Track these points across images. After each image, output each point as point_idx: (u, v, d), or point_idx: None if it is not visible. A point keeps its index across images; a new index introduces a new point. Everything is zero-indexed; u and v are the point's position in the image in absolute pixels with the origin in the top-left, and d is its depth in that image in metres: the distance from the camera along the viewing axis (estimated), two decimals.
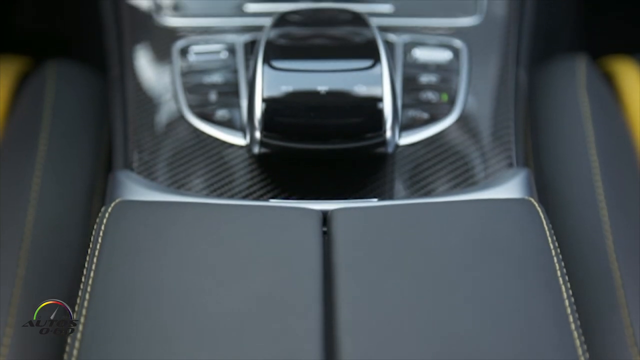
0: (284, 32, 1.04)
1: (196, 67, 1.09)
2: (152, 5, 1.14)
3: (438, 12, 1.14)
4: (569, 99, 1.17)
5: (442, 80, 1.08)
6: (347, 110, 0.97)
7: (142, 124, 1.06)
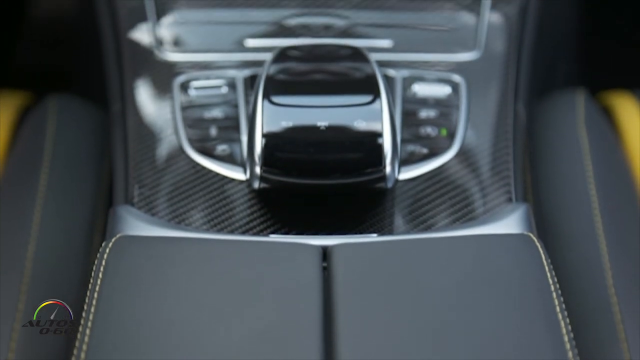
0: (284, 68, 1.04)
1: (197, 102, 1.09)
2: (153, 40, 1.15)
3: (437, 48, 1.15)
4: (568, 133, 1.17)
5: (441, 115, 1.08)
6: (346, 146, 0.97)
7: (143, 159, 1.06)
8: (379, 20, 1.16)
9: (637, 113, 1.25)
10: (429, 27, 1.16)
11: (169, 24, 1.16)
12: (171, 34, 1.16)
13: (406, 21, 1.17)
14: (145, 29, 1.16)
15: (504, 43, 1.15)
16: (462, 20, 1.16)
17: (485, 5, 1.16)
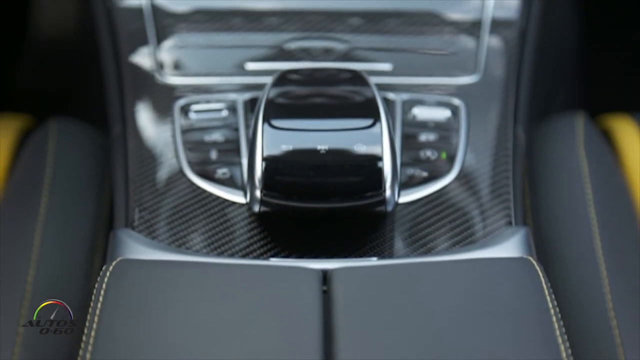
0: (284, 91, 1.04)
1: (197, 125, 1.09)
2: (154, 64, 1.15)
3: (437, 71, 1.15)
4: (568, 156, 1.17)
5: (441, 139, 1.08)
6: (346, 169, 0.97)
7: (144, 182, 1.06)
8: (378, 44, 1.17)
9: (637, 136, 1.25)
10: (429, 50, 1.17)
11: (170, 48, 1.17)
12: (171, 58, 1.16)
13: (406, 45, 1.17)
14: (145, 52, 1.16)
15: (504, 66, 1.16)
16: (462, 44, 1.17)
17: (485, 29, 1.17)
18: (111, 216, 1.10)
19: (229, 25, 1.18)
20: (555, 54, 1.47)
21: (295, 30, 1.17)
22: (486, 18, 1.17)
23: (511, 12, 1.19)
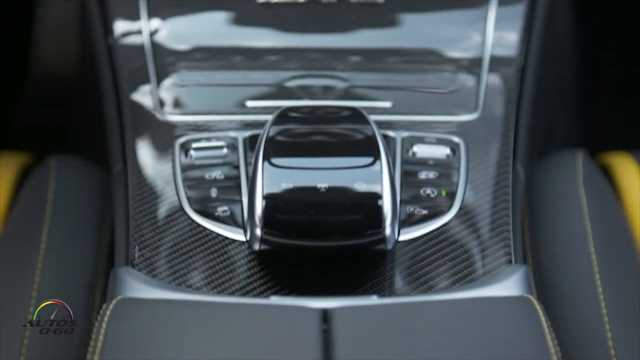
0: (284, 129, 1.05)
1: (197, 163, 1.09)
2: (154, 102, 1.16)
3: (436, 109, 1.16)
4: (567, 194, 1.18)
5: (441, 176, 1.08)
6: (346, 208, 0.97)
7: (144, 220, 1.06)
8: (378, 81, 1.17)
9: (637, 174, 1.25)
10: (428, 89, 1.17)
11: (170, 86, 1.17)
12: (172, 95, 1.17)
13: (405, 83, 1.18)
14: (146, 90, 1.17)
15: (503, 104, 1.16)
16: (461, 82, 1.18)
17: (484, 67, 1.18)
18: (111, 253, 1.10)
19: (230, 63, 1.18)
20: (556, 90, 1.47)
21: (295, 68, 1.18)
22: (485, 56, 1.18)
23: (510, 50, 1.19)
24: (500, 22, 1.19)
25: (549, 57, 1.32)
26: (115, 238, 1.09)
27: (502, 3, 1.20)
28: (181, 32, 1.20)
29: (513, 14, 1.20)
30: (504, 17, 1.19)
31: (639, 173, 1.25)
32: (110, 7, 1.20)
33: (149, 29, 1.19)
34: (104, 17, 1.21)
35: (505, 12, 1.20)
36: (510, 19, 1.19)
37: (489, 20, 1.19)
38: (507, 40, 1.19)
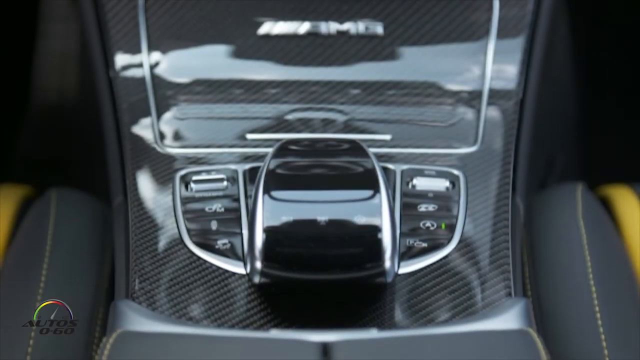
0: (284, 162, 1.05)
1: (197, 196, 1.10)
2: (154, 135, 1.16)
3: (436, 141, 1.16)
4: (567, 227, 1.18)
5: (441, 209, 1.08)
6: (346, 241, 0.98)
7: (144, 253, 1.06)
8: (378, 115, 1.18)
9: (636, 206, 1.25)
10: (428, 121, 1.18)
11: (170, 119, 1.18)
12: (172, 128, 1.17)
13: (405, 116, 1.18)
14: (146, 123, 1.17)
15: (502, 137, 1.16)
16: (460, 115, 1.18)
17: (483, 100, 1.18)
18: (112, 286, 1.11)
19: (230, 95, 1.19)
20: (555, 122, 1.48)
21: (295, 101, 1.18)
22: (484, 88, 1.18)
23: (509, 83, 1.20)
24: (499, 55, 1.20)
25: (548, 89, 1.32)
26: (115, 271, 1.09)
27: (501, 36, 1.20)
28: (181, 64, 1.20)
29: (512, 47, 1.20)
30: (503, 49, 1.20)
31: (638, 206, 1.25)
32: (111, 39, 1.20)
33: (149, 61, 1.20)
34: (104, 50, 1.21)
35: (504, 44, 1.20)
36: (509, 51, 1.20)
37: (488, 53, 1.19)
38: (506, 73, 1.20)
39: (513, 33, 1.20)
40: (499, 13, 1.20)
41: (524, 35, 1.20)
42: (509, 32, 1.20)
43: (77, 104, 1.58)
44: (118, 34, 1.20)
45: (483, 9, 1.20)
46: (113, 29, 1.20)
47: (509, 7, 1.20)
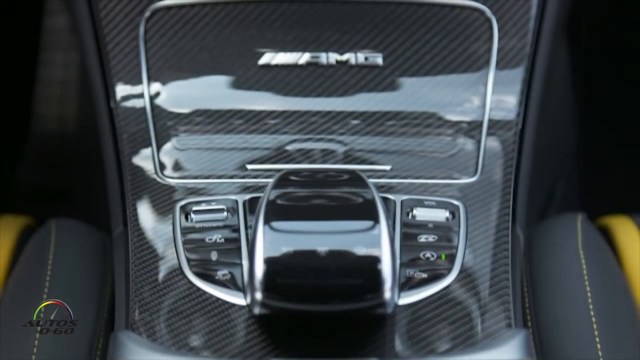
0: (284, 193, 1.05)
1: (197, 226, 1.10)
2: (155, 165, 1.16)
3: (435, 172, 1.16)
4: (567, 258, 1.18)
5: (440, 239, 1.08)
6: (346, 272, 0.98)
7: (144, 284, 1.06)
8: (378, 145, 1.18)
9: (636, 237, 1.25)
10: (427, 152, 1.18)
11: (170, 149, 1.18)
12: (172, 159, 1.17)
13: (405, 146, 1.18)
14: (147, 153, 1.17)
15: (502, 167, 1.17)
16: (460, 145, 1.18)
17: (483, 130, 1.18)
18: (111, 316, 1.10)
19: (230, 126, 1.19)
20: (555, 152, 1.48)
21: (295, 131, 1.18)
22: (484, 119, 1.19)
23: (509, 113, 1.20)
24: (498, 86, 1.20)
25: (548, 119, 1.33)
26: (115, 301, 1.09)
27: (500, 66, 1.20)
28: (182, 95, 1.21)
29: (511, 77, 1.20)
30: (503, 80, 1.20)
31: (639, 236, 1.25)
32: (111, 70, 1.21)
33: (149, 92, 1.20)
34: (105, 80, 1.22)
35: (503, 75, 1.20)
36: (508, 82, 1.20)
37: (487, 84, 1.20)
38: (506, 104, 1.20)
39: (512, 64, 1.20)
40: (498, 44, 1.20)
41: (524, 65, 1.21)
42: (508, 63, 1.20)
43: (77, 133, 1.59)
44: (118, 64, 1.21)
45: (482, 39, 1.21)
46: (113, 60, 1.21)
47: (508, 38, 1.20)
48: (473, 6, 1.20)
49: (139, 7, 1.20)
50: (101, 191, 1.22)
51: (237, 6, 1.20)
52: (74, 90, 1.73)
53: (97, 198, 1.25)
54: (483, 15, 1.20)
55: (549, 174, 1.46)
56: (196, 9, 1.20)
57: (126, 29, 1.20)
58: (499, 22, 1.20)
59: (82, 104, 1.68)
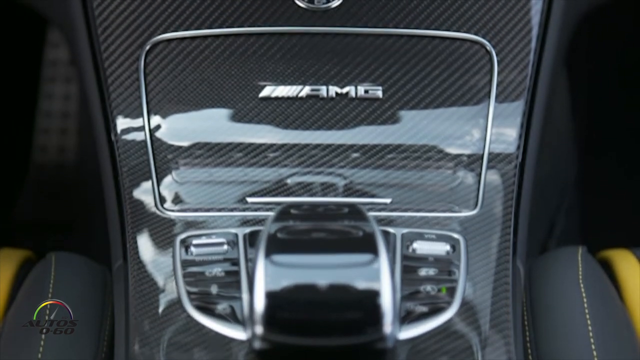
0: (284, 226, 1.05)
1: (198, 260, 1.10)
2: (155, 198, 1.16)
3: (436, 205, 1.16)
4: (568, 291, 1.17)
5: (441, 273, 1.08)
6: (347, 306, 0.97)
7: (144, 317, 1.06)
8: (378, 178, 1.18)
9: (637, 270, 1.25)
10: (428, 185, 1.18)
11: (171, 182, 1.18)
12: (172, 192, 1.17)
13: (405, 179, 1.18)
14: (147, 187, 1.17)
15: (502, 200, 1.17)
16: (460, 178, 1.18)
17: (483, 164, 1.18)
18: (111, 350, 1.10)
19: (230, 159, 1.19)
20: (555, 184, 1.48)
21: (295, 164, 1.18)
22: (484, 152, 1.19)
23: (509, 146, 1.20)
24: (498, 119, 1.20)
25: (548, 152, 1.33)
26: (115, 334, 1.09)
27: (500, 100, 1.21)
28: (182, 128, 1.21)
29: (511, 110, 1.21)
30: (503, 113, 1.20)
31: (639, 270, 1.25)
32: (112, 103, 1.21)
33: (149, 125, 1.20)
34: (105, 113, 1.22)
35: (503, 108, 1.21)
36: (508, 115, 1.20)
37: (487, 117, 1.20)
38: (506, 137, 1.20)
39: (513, 96, 1.21)
40: (498, 77, 1.20)
41: (524, 98, 1.21)
42: (508, 96, 1.20)
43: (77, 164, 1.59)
44: (119, 97, 1.21)
45: (482, 72, 1.21)
46: (114, 92, 1.21)
47: (508, 70, 1.21)
48: (473, 39, 1.20)
49: (140, 40, 1.20)
50: (101, 224, 1.22)
51: (237, 39, 1.21)
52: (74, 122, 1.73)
53: (97, 230, 1.25)
54: (483, 48, 1.20)
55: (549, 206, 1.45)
56: (196, 41, 1.20)
57: (127, 61, 1.20)
58: (498, 55, 1.20)
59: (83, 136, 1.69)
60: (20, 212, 1.61)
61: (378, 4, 1.19)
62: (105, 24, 1.20)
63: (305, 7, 1.19)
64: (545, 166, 1.30)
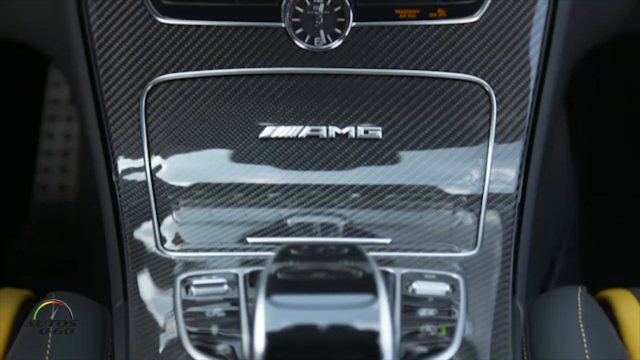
0: (284, 267, 1.05)
1: (198, 300, 1.10)
2: (155, 238, 1.17)
3: (435, 245, 1.17)
4: (567, 331, 1.17)
5: (441, 313, 1.08)
6: (346, 347, 0.97)
7: (144, 358, 1.06)
8: (378, 219, 1.18)
9: (637, 310, 1.25)
10: (427, 225, 1.18)
11: (171, 223, 1.18)
12: (173, 233, 1.18)
13: (404, 219, 1.19)
14: (147, 227, 1.18)
15: (501, 240, 1.17)
16: (460, 219, 1.19)
17: (483, 204, 1.19)
18: None
19: (230, 200, 1.19)
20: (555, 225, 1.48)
21: (295, 205, 1.19)
22: (484, 193, 1.19)
23: (508, 187, 1.20)
24: (497, 159, 1.20)
25: (547, 191, 1.33)
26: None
27: (499, 140, 1.21)
28: (182, 168, 1.21)
29: (510, 151, 1.21)
30: (502, 153, 1.21)
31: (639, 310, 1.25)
32: (113, 142, 1.21)
33: (150, 165, 1.21)
34: (106, 152, 1.22)
35: (502, 148, 1.21)
36: (507, 155, 1.21)
37: (487, 157, 1.20)
38: (505, 177, 1.20)
39: (512, 137, 1.21)
40: (497, 117, 1.21)
41: (523, 139, 1.21)
42: (507, 136, 1.21)
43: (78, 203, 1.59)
44: (120, 137, 1.21)
45: (481, 113, 1.21)
46: (115, 132, 1.21)
47: (507, 111, 1.21)
48: (472, 80, 1.21)
49: (141, 80, 1.21)
50: (101, 263, 1.22)
51: (238, 79, 1.21)
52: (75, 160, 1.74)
53: (97, 270, 1.25)
54: (482, 88, 1.21)
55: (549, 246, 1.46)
56: (197, 82, 1.21)
57: (128, 102, 1.21)
58: (497, 95, 1.21)
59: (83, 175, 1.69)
60: (21, 251, 1.61)
61: (378, 45, 1.20)
62: (107, 64, 1.21)
63: (305, 48, 1.20)
64: (545, 206, 1.30)
